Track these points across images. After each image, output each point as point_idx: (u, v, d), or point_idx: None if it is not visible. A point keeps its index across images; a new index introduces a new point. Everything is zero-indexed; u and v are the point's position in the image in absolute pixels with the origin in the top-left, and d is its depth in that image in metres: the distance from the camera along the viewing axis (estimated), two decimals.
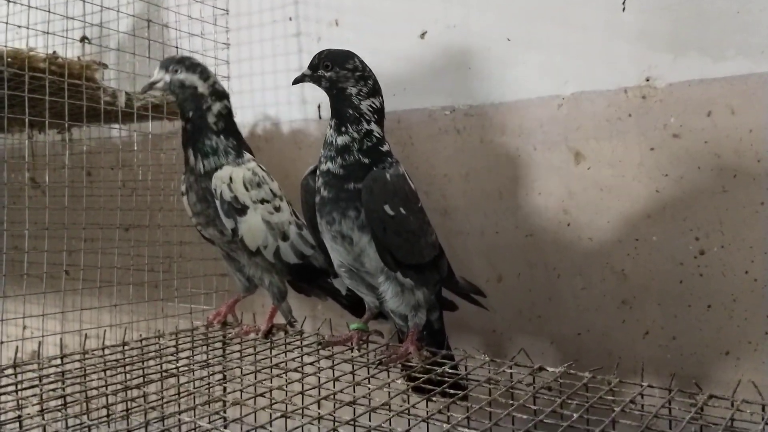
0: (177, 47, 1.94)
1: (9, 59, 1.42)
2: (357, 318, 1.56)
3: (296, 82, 1.41)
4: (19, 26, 1.48)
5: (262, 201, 1.55)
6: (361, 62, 1.37)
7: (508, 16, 1.70)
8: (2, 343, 1.54)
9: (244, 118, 2.13)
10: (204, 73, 1.54)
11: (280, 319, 1.65)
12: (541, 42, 1.66)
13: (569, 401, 1.14)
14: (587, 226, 1.63)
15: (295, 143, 2.05)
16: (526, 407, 1.11)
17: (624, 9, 1.56)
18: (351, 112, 1.33)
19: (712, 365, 1.52)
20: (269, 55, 2.08)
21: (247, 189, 1.53)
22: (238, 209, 1.51)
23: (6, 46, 1.44)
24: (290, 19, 2.05)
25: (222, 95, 1.56)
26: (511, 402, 1.12)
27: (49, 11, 1.55)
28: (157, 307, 1.97)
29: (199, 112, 1.52)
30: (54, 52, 1.54)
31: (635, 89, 1.56)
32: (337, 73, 1.34)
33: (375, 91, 1.37)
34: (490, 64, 1.73)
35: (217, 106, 1.53)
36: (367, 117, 1.34)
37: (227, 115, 1.56)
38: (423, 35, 1.83)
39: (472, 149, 1.76)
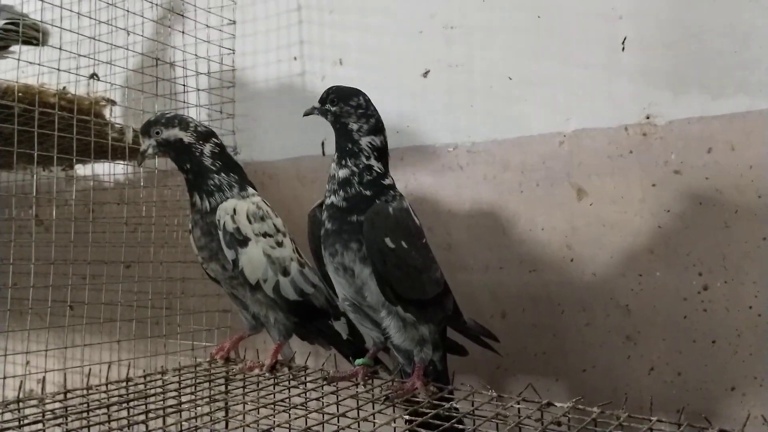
0: (184, 85, 1.97)
1: (20, 94, 1.44)
2: None
3: (306, 114, 1.45)
4: (30, 62, 1.51)
5: (265, 234, 1.56)
6: (366, 101, 1.41)
7: (510, 54, 1.74)
8: (5, 378, 1.53)
9: (247, 155, 2.15)
10: (182, 122, 1.54)
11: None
12: (542, 80, 1.69)
13: None
14: (591, 261, 1.64)
15: (298, 180, 2.07)
16: None
17: (624, 48, 1.60)
18: (350, 146, 1.36)
19: (718, 401, 1.51)
20: (274, 94, 2.11)
21: (249, 221, 1.54)
22: (239, 240, 1.52)
23: (17, 82, 1.45)
24: (295, 58, 2.09)
25: (208, 135, 1.57)
26: None
27: (60, 48, 1.57)
28: (158, 344, 1.95)
29: (195, 160, 1.54)
30: (64, 88, 1.56)
31: (636, 126, 1.58)
32: (341, 108, 1.38)
33: (377, 129, 1.39)
34: (493, 102, 1.76)
35: (207, 148, 1.55)
36: (366, 153, 1.37)
37: (220, 152, 1.57)
38: (426, 74, 1.86)
39: (476, 185, 1.78)
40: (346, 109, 1.38)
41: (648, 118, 1.57)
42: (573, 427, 1.19)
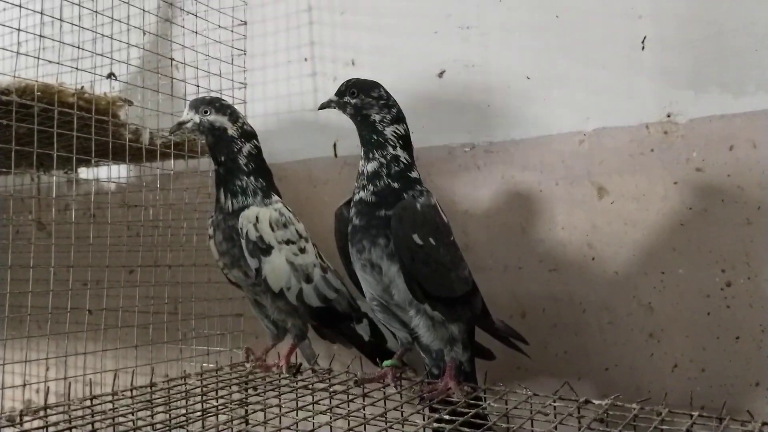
0: (197, 85, 1.94)
1: (39, 93, 1.40)
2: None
3: (322, 107, 1.44)
4: (50, 61, 1.48)
5: (288, 242, 1.54)
6: (386, 92, 1.42)
7: (528, 54, 1.74)
8: (25, 385, 1.49)
9: None
10: (233, 114, 1.55)
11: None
12: (561, 79, 1.70)
13: None
14: (612, 259, 1.64)
15: (310, 181, 2.05)
16: None
17: (644, 47, 1.61)
18: (375, 137, 1.37)
19: (743, 396, 1.52)
20: (284, 95, 2.09)
21: (272, 229, 1.52)
22: (262, 249, 1.50)
23: (37, 81, 1.42)
24: (305, 59, 2.07)
25: (251, 135, 1.56)
26: None
27: (80, 48, 1.54)
28: (169, 350, 1.91)
29: (231, 155, 1.52)
30: (82, 87, 1.53)
31: (657, 125, 1.59)
32: (362, 100, 1.38)
33: (399, 118, 1.41)
34: (510, 102, 1.76)
35: (247, 147, 1.54)
36: (392, 143, 1.37)
37: (257, 155, 1.57)
38: (441, 74, 1.86)
39: (493, 185, 1.78)
40: (367, 100, 1.39)
41: (669, 116, 1.58)
42: (613, 424, 1.19)
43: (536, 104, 1.73)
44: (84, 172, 2.21)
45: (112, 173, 2.10)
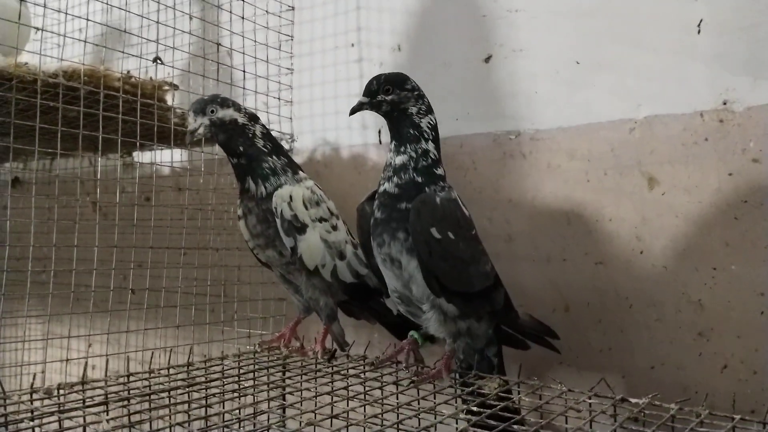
0: (243, 71, 1.95)
1: (86, 77, 1.44)
2: None
3: (354, 111, 1.42)
4: (96, 45, 1.51)
5: (321, 219, 1.54)
6: (416, 83, 1.42)
7: (577, 38, 1.68)
8: (67, 360, 1.54)
9: (304, 144, 2.14)
10: (235, 104, 1.54)
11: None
12: (611, 64, 1.63)
13: None
14: (661, 254, 1.57)
15: (354, 168, 2.04)
16: None
17: (699, 31, 1.53)
18: (412, 131, 1.36)
19: None
20: (331, 81, 2.09)
21: (306, 207, 1.53)
22: (297, 227, 1.51)
23: (84, 64, 1.46)
24: (352, 45, 2.06)
25: (256, 117, 1.57)
26: None
27: (125, 31, 1.57)
28: (214, 331, 1.95)
29: (249, 141, 1.52)
30: (128, 72, 1.56)
31: (712, 113, 1.51)
32: (399, 95, 1.37)
33: (430, 108, 1.41)
34: (558, 88, 1.71)
35: (258, 129, 1.54)
36: (426, 135, 1.37)
37: (268, 133, 1.57)
38: (488, 59, 1.81)
39: (539, 174, 1.73)
40: (403, 94, 1.38)
41: (725, 104, 1.50)
42: (649, 424, 1.14)
43: (585, 90, 1.67)
44: (138, 156, 2.27)
45: (164, 158, 2.15)
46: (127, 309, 1.68)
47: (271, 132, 1.58)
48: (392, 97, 1.36)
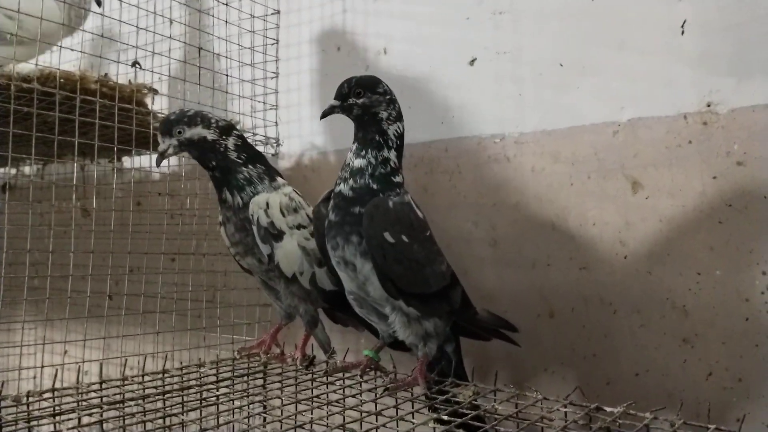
0: (228, 75, 1.95)
1: (62, 80, 1.43)
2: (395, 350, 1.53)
3: (324, 115, 1.40)
4: (72, 50, 1.51)
5: (299, 227, 1.53)
6: (388, 86, 1.39)
7: (562, 41, 1.66)
8: (42, 367, 1.53)
9: (291, 148, 2.13)
10: (204, 119, 1.51)
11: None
12: (595, 67, 1.61)
13: None
14: (646, 258, 1.54)
15: None
16: None
17: (683, 32, 1.50)
18: (377, 137, 1.35)
19: None
20: (317, 84, 2.07)
21: (283, 214, 1.51)
22: (274, 235, 1.50)
23: (59, 69, 1.45)
24: (338, 48, 2.05)
25: (229, 129, 1.53)
26: None
27: (102, 36, 1.57)
28: (199, 337, 1.94)
29: (220, 155, 1.51)
30: (105, 74, 1.55)
31: (696, 115, 1.49)
32: (370, 98, 1.35)
33: (400, 115, 1.39)
34: (543, 91, 1.68)
35: (231, 141, 1.52)
36: (390, 143, 1.35)
37: (243, 143, 1.55)
38: (472, 62, 1.79)
39: (523, 178, 1.70)
40: (375, 98, 1.36)
41: (709, 105, 1.47)
42: None
43: (569, 93, 1.65)
44: (127, 162, 2.26)
45: (148, 162, 2.13)
46: (104, 315, 1.67)
47: (255, 137, 1.58)
48: (363, 101, 1.35)
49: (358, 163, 1.33)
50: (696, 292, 1.48)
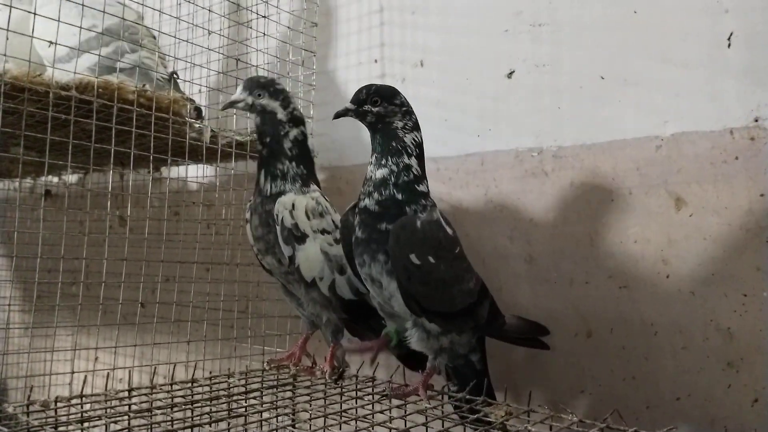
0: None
1: (100, 90, 1.45)
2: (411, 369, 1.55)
3: (337, 116, 1.40)
4: (110, 58, 1.52)
5: (323, 231, 1.52)
6: (405, 99, 1.38)
7: (602, 53, 1.62)
8: (73, 373, 1.54)
9: (325, 160, 2.12)
10: (286, 100, 1.55)
11: None
12: (637, 80, 1.56)
13: None
14: (689, 278, 1.48)
15: None
16: None
17: (730, 45, 1.45)
18: (394, 144, 1.33)
19: None
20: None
21: (308, 218, 1.50)
22: (297, 237, 1.49)
23: (97, 77, 1.47)
24: (375, 61, 2.04)
25: (299, 121, 1.56)
26: None
27: (140, 45, 1.59)
28: (230, 347, 1.94)
29: (276, 138, 1.53)
30: (144, 85, 1.57)
31: (742, 130, 1.43)
32: (386, 108, 1.35)
33: (417, 125, 1.37)
34: (582, 103, 1.65)
35: (293, 132, 1.54)
36: (410, 150, 1.34)
37: (302, 141, 1.56)
38: (510, 74, 1.77)
39: (561, 192, 1.66)
40: (390, 108, 1.35)
41: (756, 120, 1.42)
42: None
43: (610, 106, 1.61)
44: (165, 172, 2.28)
45: (189, 173, 2.15)
46: (136, 322, 1.67)
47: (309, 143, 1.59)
48: (379, 109, 1.34)
49: (380, 173, 1.32)
50: (741, 314, 1.42)
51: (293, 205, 1.49)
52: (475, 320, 1.38)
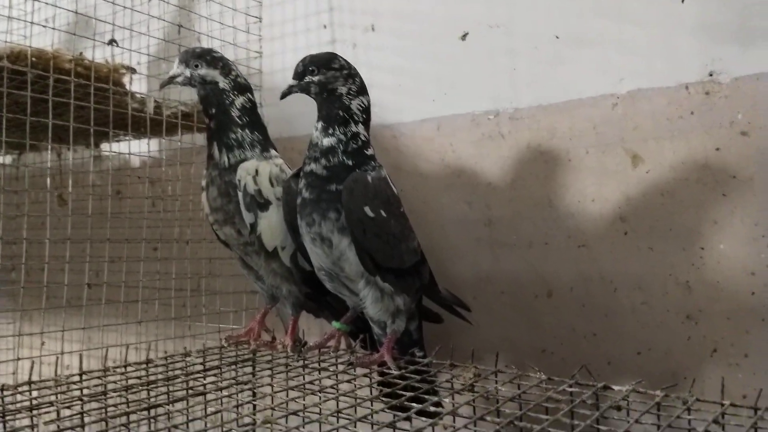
0: None
1: (33, 59, 1.35)
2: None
3: (284, 96, 1.38)
4: (45, 26, 1.42)
5: None
6: (345, 61, 1.36)
7: (557, 12, 1.60)
8: (18, 360, 1.45)
9: (276, 130, 2.04)
10: (225, 68, 1.49)
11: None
12: (593, 38, 1.55)
13: (641, 422, 1.01)
14: (647, 234, 1.49)
15: None
16: (594, 428, 0.97)
17: (683, 0, 1.45)
18: (341, 113, 1.32)
19: None
20: None
21: (272, 184, 1.46)
22: (260, 204, 1.44)
23: (30, 46, 1.37)
24: (324, 26, 1.98)
25: (244, 88, 1.50)
26: (576, 423, 1.00)
27: (76, 12, 1.49)
28: (184, 326, 1.87)
29: (222, 107, 1.47)
30: (81, 53, 1.47)
31: (697, 85, 1.44)
32: (325, 74, 1.33)
33: (362, 89, 1.36)
34: (538, 64, 1.63)
35: (240, 100, 1.48)
36: (356, 117, 1.33)
37: (251, 108, 1.51)
38: (464, 37, 1.73)
39: (519, 155, 1.65)
40: (330, 74, 1.33)
41: (711, 75, 1.43)
42: (633, 412, 1.06)
43: (565, 66, 1.59)
44: (106, 148, 2.18)
45: (132, 149, 2.06)
46: (83, 305, 1.59)
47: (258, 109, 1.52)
48: (319, 78, 1.32)
49: (327, 141, 1.31)
50: (699, 267, 1.44)
51: (257, 171, 1.44)
52: (421, 280, 1.41)
